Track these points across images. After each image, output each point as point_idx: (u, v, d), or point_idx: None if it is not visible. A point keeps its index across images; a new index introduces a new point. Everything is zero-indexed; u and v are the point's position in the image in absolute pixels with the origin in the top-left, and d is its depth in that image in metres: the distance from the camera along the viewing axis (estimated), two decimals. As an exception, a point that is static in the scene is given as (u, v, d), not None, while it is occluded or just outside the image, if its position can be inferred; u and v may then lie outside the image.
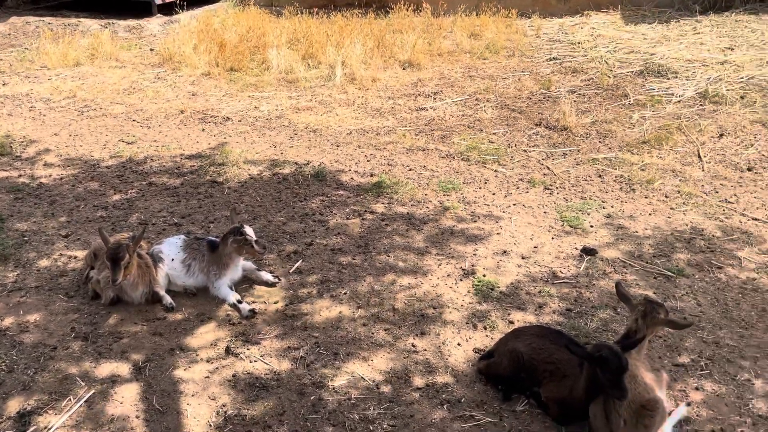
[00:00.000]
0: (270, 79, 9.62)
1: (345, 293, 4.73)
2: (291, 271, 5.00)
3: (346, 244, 5.38)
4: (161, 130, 7.96)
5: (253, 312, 4.50)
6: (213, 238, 4.84)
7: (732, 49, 9.64)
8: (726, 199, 5.88)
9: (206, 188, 6.38)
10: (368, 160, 6.97)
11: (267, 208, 5.98)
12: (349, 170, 6.74)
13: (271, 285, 4.83)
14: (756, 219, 5.53)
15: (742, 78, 8.48)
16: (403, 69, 9.93)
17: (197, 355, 4.16)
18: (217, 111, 8.52)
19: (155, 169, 6.84)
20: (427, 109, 8.39)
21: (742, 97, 7.90)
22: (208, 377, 3.97)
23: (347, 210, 5.92)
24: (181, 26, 12.16)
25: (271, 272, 4.94)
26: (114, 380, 3.95)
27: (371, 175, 6.60)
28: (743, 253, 5.06)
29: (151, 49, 11.29)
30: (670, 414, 3.51)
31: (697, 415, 3.60)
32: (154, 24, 12.89)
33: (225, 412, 3.71)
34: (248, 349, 4.19)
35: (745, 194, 5.94)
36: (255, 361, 4.10)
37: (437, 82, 9.29)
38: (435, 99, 8.71)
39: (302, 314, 4.52)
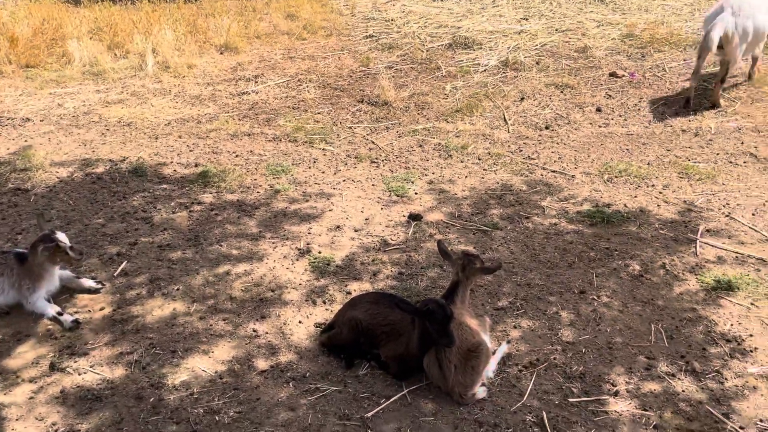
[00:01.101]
0: (73, 73, 8.88)
1: (178, 289, 4.59)
2: (116, 274, 4.74)
3: (175, 238, 5.19)
4: (-53, 138, 7.06)
5: (76, 322, 4.21)
6: (21, 250, 4.43)
7: (527, 20, 10.54)
8: (529, 156, 6.49)
9: (9, 198, 5.79)
10: (191, 150, 6.74)
11: (82, 211, 5.57)
12: (172, 162, 6.48)
13: (95, 291, 4.54)
14: (554, 171, 6.18)
15: (536, 45, 9.33)
16: (221, 53, 9.66)
17: (18, 377, 3.82)
18: (14, 112, 7.72)
19: (-56, 182, 6.07)
20: (250, 93, 8.26)
21: (537, 63, 8.70)
22: (32, 398, 3.67)
23: (173, 204, 5.70)
24: (-40, 20, 10.76)
25: (93, 278, 4.64)
26: None
27: (196, 165, 6.39)
28: (545, 202, 5.65)
29: (-75, 48, 9.88)
30: (494, 353, 3.87)
31: (516, 350, 4.00)
32: (-76, 19, 11.27)
33: (56, 430, 3.47)
34: (76, 362, 3.92)
35: (544, 150, 6.60)
36: (84, 372, 3.85)
37: (257, 65, 9.16)
38: (256, 82, 8.60)
39: (133, 317, 4.32)
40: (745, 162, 6.12)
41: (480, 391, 3.66)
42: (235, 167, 6.36)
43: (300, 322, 4.30)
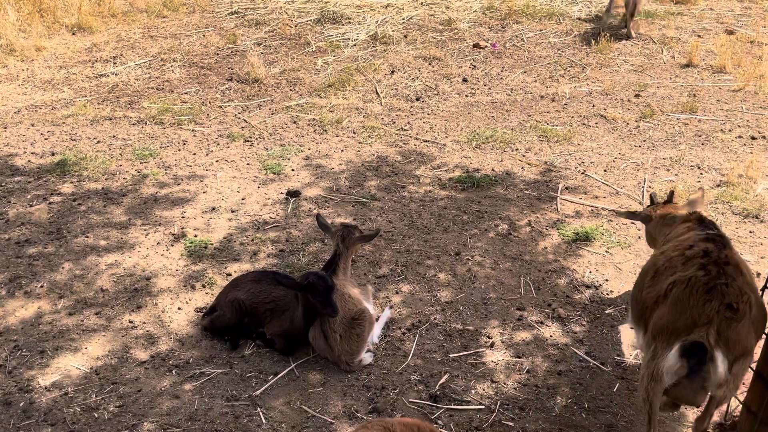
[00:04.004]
0: None
1: (41, 286, 4.28)
2: (-32, 276, 4.35)
3: (34, 233, 4.83)
4: None
5: (-76, 332, 3.83)
6: None
7: (393, -6, 10.67)
8: (402, 128, 6.64)
9: None
10: (46, 139, 6.26)
11: None
12: (24, 152, 5.98)
13: (-56, 297, 4.15)
14: (426, 141, 6.38)
15: (403, 19, 9.49)
16: (73, 34, 8.98)
17: None
18: None
19: None
20: (108, 75, 7.77)
21: (405, 36, 8.86)
22: None
23: (29, 196, 5.28)
24: None
25: (-60, 283, 4.23)
26: None
27: (52, 154, 5.95)
28: (420, 171, 5.82)
29: None
30: (377, 319, 3.98)
31: (399, 314, 4.13)
32: None
33: None
34: (-74, 375, 3.58)
35: (416, 121, 6.78)
36: (-62, 385, 3.53)
37: (115, 46, 8.61)
38: (115, 63, 8.09)
39: (-8, 320, 3.99)
40: (596, 123, 6.64)
41: (366, 357, 3.75)
42: (98, 154, 5.99)
43: (179, 308, 4.17)
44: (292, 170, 5.83)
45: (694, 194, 4.07)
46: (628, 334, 3.98)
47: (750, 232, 4.85)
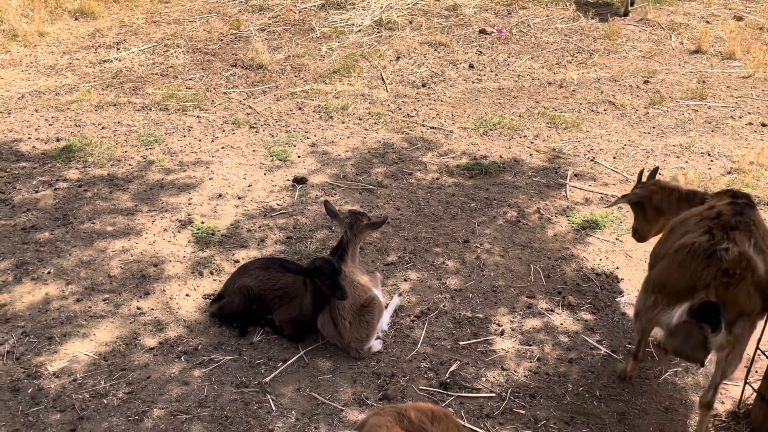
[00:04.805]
0: None
1: (48, 272, 4.26)
2: (-26, 262, 4.33)
3: (40, 219, 4.80)
4: None
5: (-69, 318, 3.82)
6: None
7: (397, -21, 10.54)
8: (408, 114, 6.59)
9: None
10: (51, 124, 6.21)
11: (-74, 196, 5.01)
12: (29, 138, 5.94)
13: (-49, 283, 4.13)
14: (433, 127, 6.33)
15: (408, 4, 9.39)
16: (76, 19, 8.90)
17: None
18: None
19: None
20: (112, 61, 7.71)
21: (410, 22, 8.78)
22: None
23: (34, 182, 5.25)
24: None
25: (-53, 269, 4.21)
26: None
27: (57, 140, 5.91)
28: (426, 158, 5.78)
29: None
30: (386, 306, 3.95)
31: (408, 302, 4.11)
32: None
33: None
34: (-65, 361, 3.57)
35: (422, 107, 6.72)
36: (-53, 371, 3.51)
37: (118, 31, 8.54)
38: (119, 49, 8.03)
39: (-1, 306, 3.98)
40: (605, 110, 6.58)
41: (375, 345, 3.74)
42: (103, 140, 5.95)
43: (187, 295, 4.16)
44: (298, 157, 5.79)
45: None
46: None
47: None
